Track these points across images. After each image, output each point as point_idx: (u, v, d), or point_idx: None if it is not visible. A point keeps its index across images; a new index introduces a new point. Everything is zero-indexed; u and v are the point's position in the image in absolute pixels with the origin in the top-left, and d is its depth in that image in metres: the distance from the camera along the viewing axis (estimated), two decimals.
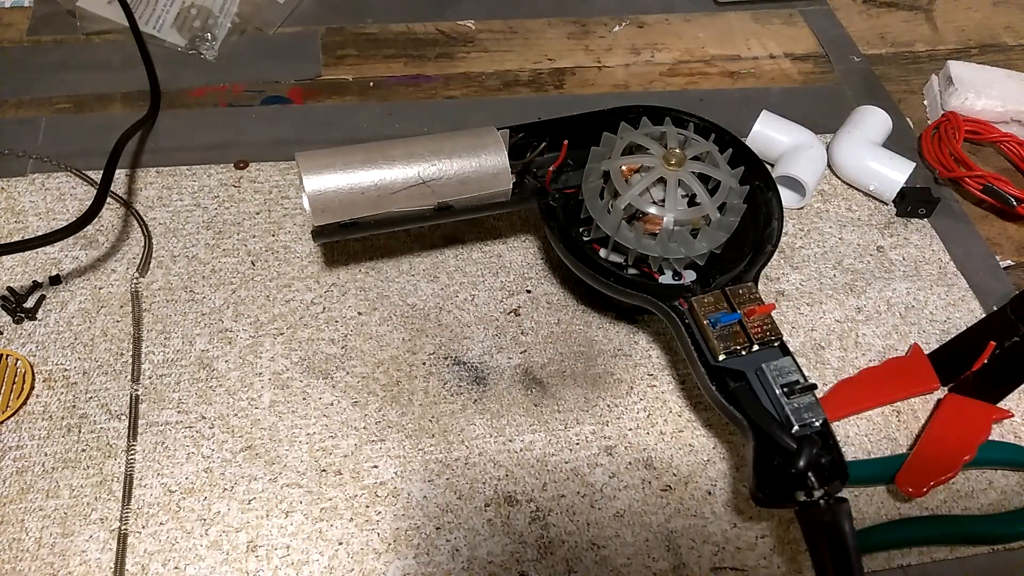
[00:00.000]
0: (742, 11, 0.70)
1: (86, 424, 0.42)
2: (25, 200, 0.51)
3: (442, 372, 0.45)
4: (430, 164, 0.43)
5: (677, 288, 0.42)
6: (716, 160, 0.43)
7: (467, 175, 0.43)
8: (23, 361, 0.43)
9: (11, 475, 0.40)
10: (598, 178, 0.43)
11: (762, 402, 0.38)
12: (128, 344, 0.45)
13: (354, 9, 0.67)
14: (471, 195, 0.44)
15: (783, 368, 0.38)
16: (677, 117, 0.47)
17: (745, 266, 0.42)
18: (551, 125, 0.46)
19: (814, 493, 0.35)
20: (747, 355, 0.39)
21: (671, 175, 0.41)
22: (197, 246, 0.49)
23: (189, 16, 0.63)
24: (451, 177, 0.43)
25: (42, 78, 0.59)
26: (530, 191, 0.45)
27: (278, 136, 0.56)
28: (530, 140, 0.46)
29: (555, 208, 0.45)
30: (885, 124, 0.57)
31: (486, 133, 0.44)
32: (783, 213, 0.44)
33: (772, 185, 0.45)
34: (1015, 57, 0.69)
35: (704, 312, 0.40)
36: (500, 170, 0.43)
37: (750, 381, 0.38)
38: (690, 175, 0.41)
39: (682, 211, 0.41)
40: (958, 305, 0.50)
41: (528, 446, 0.42)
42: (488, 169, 0.43)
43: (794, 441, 0.36)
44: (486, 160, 0.43)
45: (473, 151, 0.43)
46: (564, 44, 0.66)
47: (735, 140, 0.47)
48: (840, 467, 0.36)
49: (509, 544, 0.39)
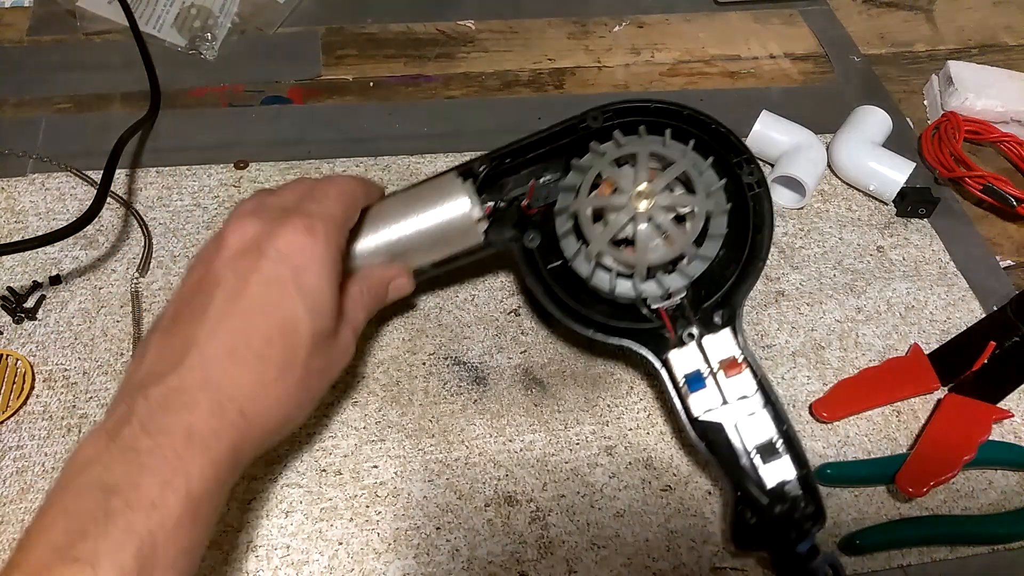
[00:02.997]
0: (742, 11, 0.70)
1: (86, 424, 0.42)
2: (25, 200, 0.51)
3: (442, 372, 0.45)
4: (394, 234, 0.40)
5: (656, 336, 0.40)
6: (693, 179, 0.39)
7: (434, 238, 0.41)
8: (23, 361, 0.43)
9: (11, 475, 0.40)
10: (569, 219, 0.41)
11: (739, 457, 0.38)
12: (128, 344, 0.45)
13: (354, 9, 0.67)
14: (443, 255, 0.42)
15: (759, 426, 0.39)
16: (654, 122, 0.42)
17: (735, 281, 0.40)
18: (522, 148, 0.42)
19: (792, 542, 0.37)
20: (724, 408, 0.39)
21: (641, 215, 0.39)
22: (197, 246, 0.49)
23: (189, 16, 0.63)
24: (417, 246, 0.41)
25: (42, 78, 0.59)
26: (508, 229, 0.42)
27: (278, 136, 0.56)
28: (502, 167, 0.43)
29: (532, 252, 0.42)
30: (885, 124, 0.57)
31: (448, 187, 0.41)
32: (773, 222, 0.41)
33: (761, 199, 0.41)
34: (1015, 57, 0.69)
35: (680, 370, 0.40)
36: (468, 227, 0.41)
37: (728, 434, 0.39)
38: (661, 212, 0.39)
39: (655, 255, 0.39)
40: (958, 305, 0.50)
41: (528, 446, 0.42)
42: (455, 227, 0.40)
43: (767, 496, 0.37)
44: (452, 220, 0.40)
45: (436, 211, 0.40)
46: (564, 44, 0.66)
47: (718, 132, 0.42)
48: (819, 514, 0.38)
49: (509, 544, 0.39)
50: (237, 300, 0.32)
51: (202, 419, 0.30)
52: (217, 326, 0.31)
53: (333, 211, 0.36)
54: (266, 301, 0.32)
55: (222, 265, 0.33)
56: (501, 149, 0.42)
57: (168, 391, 0.30)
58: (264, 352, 0.32)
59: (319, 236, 0.34)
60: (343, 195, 0.37)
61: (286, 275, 0.33)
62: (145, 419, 0.29)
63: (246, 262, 0.33)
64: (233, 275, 0.33)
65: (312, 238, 0.34)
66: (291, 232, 0.33)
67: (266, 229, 0.34)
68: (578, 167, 0.42)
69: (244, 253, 0.33)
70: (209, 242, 0.35)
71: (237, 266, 0.33)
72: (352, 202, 0.38)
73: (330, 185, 0.37)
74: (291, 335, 0.33)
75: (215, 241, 0.35)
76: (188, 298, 0.33)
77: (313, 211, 0.35)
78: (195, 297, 0.33)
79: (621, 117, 0.43)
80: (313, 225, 0.34)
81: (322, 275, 0.34)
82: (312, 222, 0.34)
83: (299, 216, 0.34)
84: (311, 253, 0.34)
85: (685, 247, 0.39)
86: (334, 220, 0.35)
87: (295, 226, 0.34)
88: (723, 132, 0.42)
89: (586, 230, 0.40)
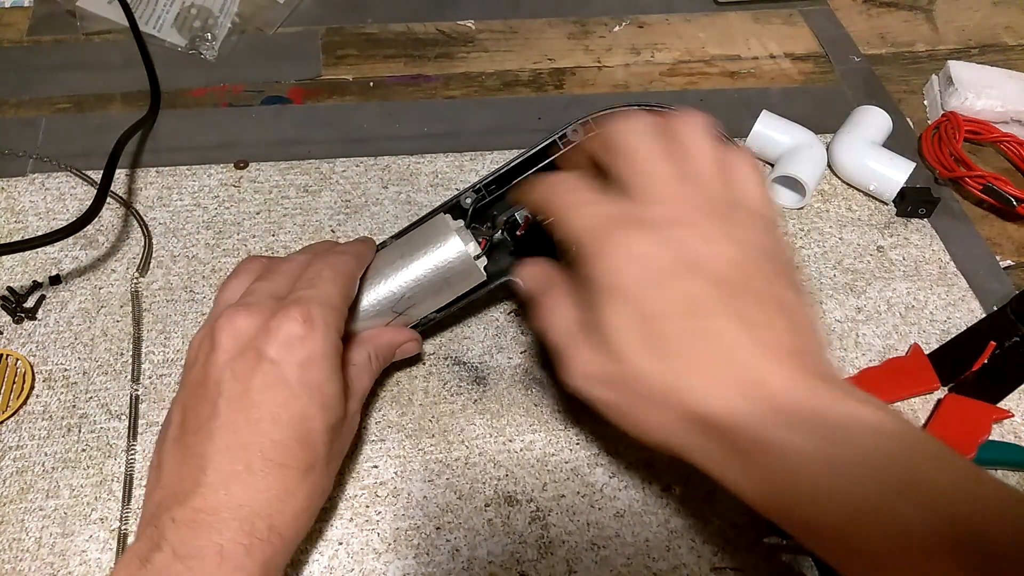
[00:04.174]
0: (742, 11, 0.70)
1: (86, 424, 0.42)
2: (25, 200, 0.51)
3: (442, 372, 0.45)
4: (395, 290, 0.39)
5: None
6: None
7: (436, 285, 0.39)
8: (23, 361, 0.43)
9: (11, 475, 0.40)
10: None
11: None
12: (128, 344, 0.45)
13: (354, 9, 0.67)
14: (447, 300, 0.41)
15: None
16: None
17: None
18: (508, 173, 0.42)
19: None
20: None
21: None
22: (197, 246, 0.49)
23: (189, 16, 0.63)
24: (420, 297, 0.39)
25: (42, 78, 0.59)
26: (504, 258, 0.42)
27: (278, 136, 0.56)
28: (489, 195, 0.42)
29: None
30: (885, 124, 0.57)
31: (439, 230, 0.39)
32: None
33: None
34: (1015, 57, 0.69)
35: None
36: (467, 267, 0.39)
37: None
38: None
39: None
40: (958, 305, 0.50)
41: (528, 446, 0.42)
42: (455, 270, 0.39)
43: None
44: (449, 262, 0.39)
45: (431, 257, 0.39)
46: (564, 44, 0.66)
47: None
48: None
49: (509, 544, 0.39)
50: (243, 408, 0.31)
51: (232, 539, 0.29)
52: (229, 439, 0.30)
53: (329, 294, 0.34)
54: (273, 405, 0.31)
55: (220, 369, 0.31)
56: (487, 178, 0.42)
57: (194, 513, 0.29)
58: (282, 460, 0.31)
59: (318, 327, 0.32)
60: (339, 275, 0.35)
61: (289, 374, 0.31)
62: (176, 544, 0.29)
63: (244, 364, 0.31)
64: (233, 380, 0.31)
65: (311, 329, 0.32)
66: (288, 326, 0.32)
67: (261, 325, 0.32)
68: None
69: (241, 354, 0.31)
70: (203, 337, 0.33)
71: (236, 369, 0.31)
72: (349, 280, 0.36)
73: (324, 265, 0.35)
74: (306, 436, 0.31)
75: (208, 338, 0.33)
76: (192, 404, 0.32)
77: (308, 298, 0.33)
78: (199, 404, 0.31)
79: (603, 125, 0.42)
80: (310, 315, 0.32)
81: (325, 367, 0.32)
82: (309, 311, 0.32)
83: (295, 307, 0.32)
84: (311, 347, 0.32)
85: None
86: (332, 305, 0.33)
87: (291, 318, 0.32)
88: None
89: None
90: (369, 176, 0.54)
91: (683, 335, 0.29)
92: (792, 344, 0.29)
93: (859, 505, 0.26)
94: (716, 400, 0.28)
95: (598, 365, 0.31)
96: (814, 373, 0.28)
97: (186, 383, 0.33)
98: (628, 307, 0.29)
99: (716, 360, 0.28)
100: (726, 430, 0.28)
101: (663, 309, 0.29)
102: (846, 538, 0.26)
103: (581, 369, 0.32)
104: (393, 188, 0.54)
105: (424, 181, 0.54)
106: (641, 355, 0.29)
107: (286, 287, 0.35)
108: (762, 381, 0.28)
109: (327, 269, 0.35)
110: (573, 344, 0.32)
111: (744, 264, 0.29)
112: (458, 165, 0.55)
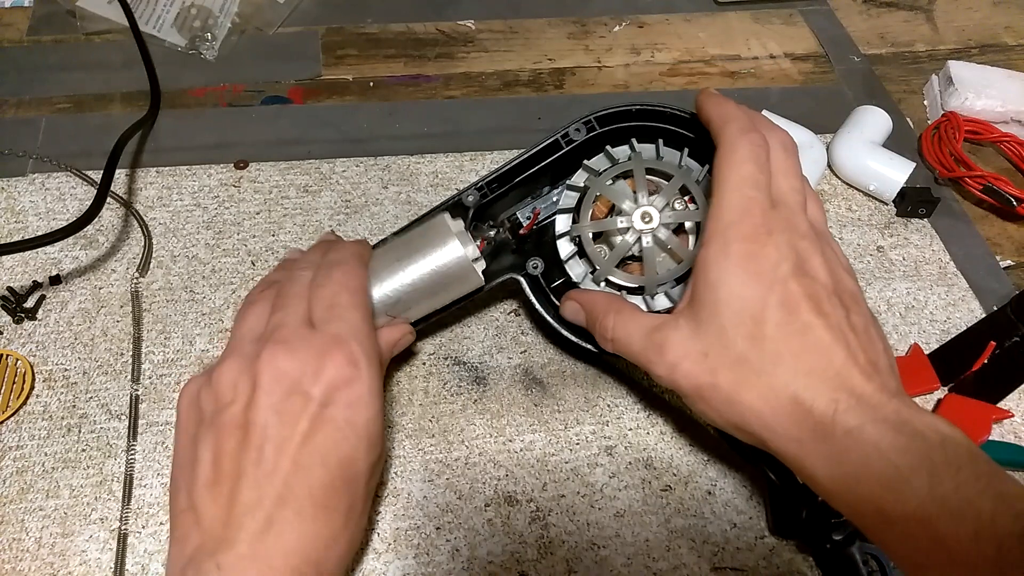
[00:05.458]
0: (742, 11, 0.70)
1: (86, 424, 0.42)
2: (25, 200, 0.51)
3: (442, 372, 0.45)
4: (390, 293, 0.38)
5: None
6: (691, 189, 0.39)
7: (432, 288, 0.39)
8: (23, 361, 0.43)
9: (11, 475, 0.40)
10: (572, 243, 0.41)
11: None
12: (128, 344, 0.45)
13: (354, 9, 0.67)
14: (443, 303, 0.40)
15: None
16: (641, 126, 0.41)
17: None
18: (510, 172, 0.42)
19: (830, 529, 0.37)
20: None
21: (646, 235, 0.39)
22: (197, 246, 0.49)
23: (189, 16, 0.63)
24: (416, 300, 0.39)
25: (42, 78, 0.59)
26: (506, 257, 0.42)
27: (278, 136, 0.56)
28: (491, 194, 0.42)
29: (537, 278, 0.42)
30: (885, 124, 0.57)
31: (438, 231, 0.38)
32: None
33: None
34: (1015, 57, 0.69)
35: None
36: (466, 271, 0.39)
37: None
38: (665, 230, 0.39)
39: (663, 272, 0.39)
40: (958, 305, 0.50)
41: (528, 446, 0.42)
42: (453, 274, 0.38)
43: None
44: (447, 265, 0.38)
45: (429, 260, 0.38)
46: (564, 44, 0.66)
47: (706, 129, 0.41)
48: None
49: (509, 544, 0.39)
50: (291, 453, 0.30)
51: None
52: (278, 485, 0.30)
53: (359, 324, 0.34)
54: (323, 449, 0.31)
55: (264, 412, 0.31)
56: (488, 176, 0.42)
57: (239, 559, 0.29)
58: (330, 502, 0.31)
59: (362, 366, 0.32)
60: (355, 294, 0.35)
61: (338, 416, 0.31)
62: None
63: (291, 408, 0.31)
64: (280, 424, 0.30)
65: (356, 371, 0.32)
66: (334, 368, 0.31)
67: (306, 367, 0.31)
68: (573, 187, 0.41)
69: (287, 397, 0.31)
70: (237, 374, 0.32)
71: (283, 413, 0.31)
72: (364, 296, 0.36)
73: (337, 287, 0.35)
74: (352, 477, 0.31)
75: (246, 377, 0.31)
76: (229, 447, 0.31)
77: (345, 335, 0.33)
78: (240, 448, 0.30)
79: (605, 125, 0.42)
80: (353, 355, 0.32)
81: (372, 405, 0.32)
82: (351, 351, 0.32)
83: (337, 348, 0.32)
84: (359, 387, 0.32)
85: (692, 262, 0.38)
86: (366, 335, 0.34)
87: (337, 362, 0.32)
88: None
89: (592, 255, 0.39)
90: (369, 176, 0.54)
91: (788, 331, 0.31)
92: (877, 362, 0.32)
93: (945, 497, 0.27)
94: (813, 390, 0.31)
95: (699, 349, 0.33)
96: (895, 390, 0.31)
97: (219, 423, 0.31)
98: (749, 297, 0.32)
99: (815, 357, 0.31)
100: (820, 417, 0.30)
101: (775, 304, 0.32)
102: (928, 525, 0.27)
103: (674, 357, 0.33)
104: (393, 188, 0.54)
105: (424, 181, 0.54)
106: (751, 341, 0.32)
107: (305, 309, 0.34)
108: (852, 384, 0.31)
109: (343, 292, 0.35)
110: (660, 340, 0.34)
111: (836, 283, 0.33)
112: (458, 165, 0.55)
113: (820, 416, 0.30)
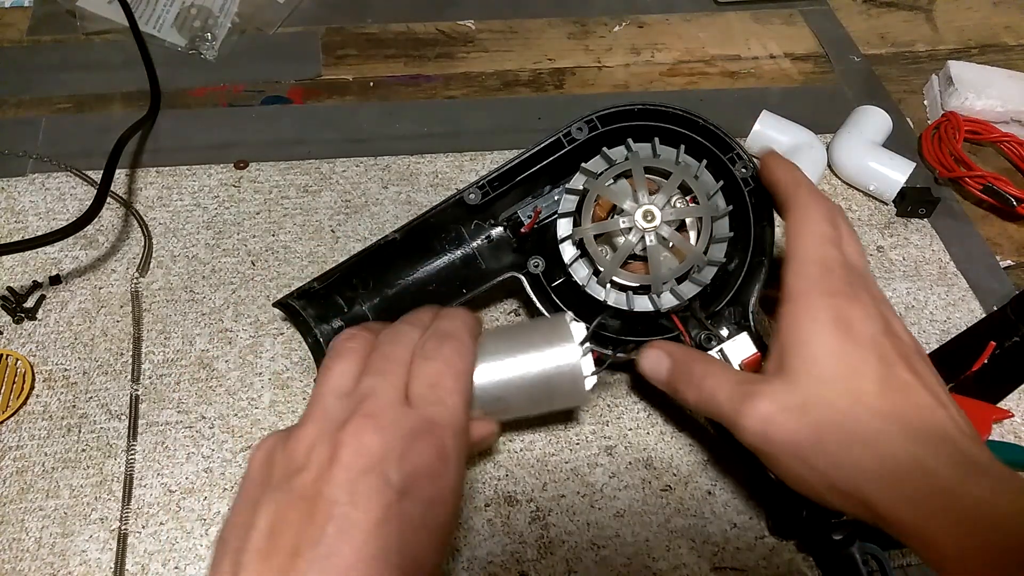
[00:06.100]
0: (742, 11, 0.70)
1: (86, 424, 0.42)
2: (25, 200, 0.51)
3: None
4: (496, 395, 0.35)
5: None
6: (692, 186, 0.39)
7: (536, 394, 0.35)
8: (23, 361, 0.43)
9: (11, 475, 0.40)
10: (575, 246, 0.40)
11: None
12: (128, 344, 0.45)
13: (354, 9, 0.67)
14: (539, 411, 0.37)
15: None
16: (643, 126, 0.41)
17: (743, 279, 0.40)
18: (512, 171, 0.42)
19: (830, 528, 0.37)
20: None
21: (649, 234, 0.38)
22: (197, 246, 0.49)
23: (189, 16, 0.63)
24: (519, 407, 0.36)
25: (42, 78, 0.59)
26: (506, 255, 0.42)
27: (278, 136, 0.56)
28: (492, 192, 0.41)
29: (538, 277, 0.41)
30: (885, 124, 0.57)
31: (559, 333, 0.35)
32: (773, 216, 0.40)
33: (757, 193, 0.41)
34: (1015, 57, 0.69)
35: None
36: (576, 385, 0.35)
37: None
38: (667, 227, 0.38)
39: (667, 270, 0.39)
40: (958, 305, 0.50)
41: (528, 446, 0.42)
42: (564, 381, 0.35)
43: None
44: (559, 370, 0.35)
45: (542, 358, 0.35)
46: (564, 44, 0.66)
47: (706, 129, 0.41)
48: None
49: (509, 544, 0.39)
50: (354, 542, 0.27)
51: None
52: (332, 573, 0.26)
53: (459, 414, 0.31)
54: (390, 544, 0.27)
55: (337, 488, 0.28)
56: (490, 174, 0.41)
57: None
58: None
59: (451, 461, 0.30)
60: (460, 377, 0.32)
61: (415, 514, 0.28)
62: None
63: (366, 490, 0.28)
64: (350, 506, 0.27)
65: (444, 466, 0.29)
66: (420, 457, 0.29)
67: (392, 448, 0.28)
68: (572, 191, 0.41)
69: (363, 476, 0.28)
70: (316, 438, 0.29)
71: (356, 494, 0.28)
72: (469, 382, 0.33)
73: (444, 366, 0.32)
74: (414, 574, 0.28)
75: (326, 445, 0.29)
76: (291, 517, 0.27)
77: (441, 423, 0.30)
78: (303, 522, 0.27)
79: (607, 124, 0.42)
80: (444, 448, 0.29)
81: (452, 504, 0.30)
82: (443, 442, 0.29)
83: (428, 435, 0.29)
84: (443, 484, 0.29)
85: (695, 257, 0.39)
86: (463, 427, 0.31)
87: (426, 451, 0.29)
88: (711, 129, 0.42)
89: (596, 257, 0.39)
90: (369, 176, 0.54)
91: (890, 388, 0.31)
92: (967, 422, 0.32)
93: None
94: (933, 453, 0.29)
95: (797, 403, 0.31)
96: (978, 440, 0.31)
97: (287, 489, 0.28)
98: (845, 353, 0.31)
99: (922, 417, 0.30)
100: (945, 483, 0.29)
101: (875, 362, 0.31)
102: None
103: (768, 410, 0.32)
104: (393, 188, 0.54)
105: (424, 181, 0.54)
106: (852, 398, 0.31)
107: (404, 379, 0.31)
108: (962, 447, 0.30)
109: (449, 373, 0.32)
110: (752, 391, 0.32)
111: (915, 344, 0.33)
112: (458, 165, 0.55)
113: (946, 481, 0.29)
